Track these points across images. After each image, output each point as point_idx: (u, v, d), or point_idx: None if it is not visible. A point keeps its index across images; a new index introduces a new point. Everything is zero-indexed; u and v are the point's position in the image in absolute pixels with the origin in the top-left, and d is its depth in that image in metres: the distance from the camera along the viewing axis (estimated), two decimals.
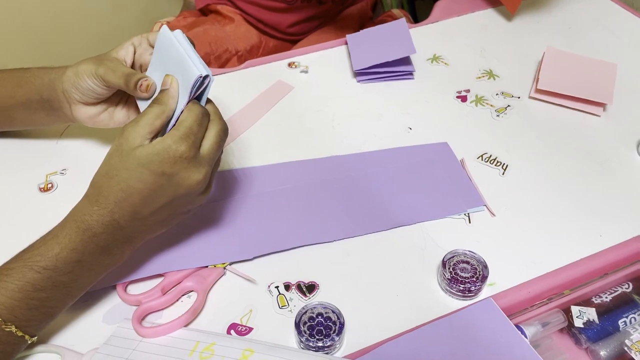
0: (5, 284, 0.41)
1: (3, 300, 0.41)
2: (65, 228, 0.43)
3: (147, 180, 0.43)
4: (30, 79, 0.56)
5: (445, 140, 0.65)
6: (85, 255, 0.43)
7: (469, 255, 0.51)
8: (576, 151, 0.64)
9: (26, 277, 0.41)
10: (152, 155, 0.43)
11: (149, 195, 0.44)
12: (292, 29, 1.03)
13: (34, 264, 0.42)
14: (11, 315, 0.41)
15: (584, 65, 0.72)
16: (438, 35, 0.83)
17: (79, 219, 0.43)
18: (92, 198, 0.44)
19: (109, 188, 0.44)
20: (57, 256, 0.42)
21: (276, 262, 0.53)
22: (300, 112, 0.70)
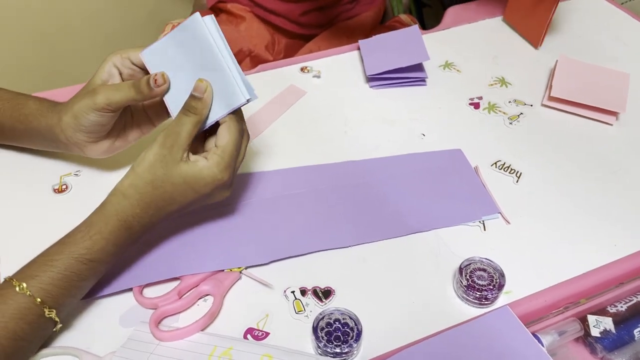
0: (51, 274, 0.44)
1: (50, 288, 0.43)
2: (109, 225, 0.47)
3: (188, 195, 0.48)
4: (28, 117, 0.55)
5: (459, 147, 0.66)
6: (122, 248, 0.48)
7: (485, 263, 0.51)
8: (589, 159, 0.64)
9: (73, 267, 0.44)
10: (199, 179, 0.48)
11: (185, 204, 0.49)
12: (303, 18, 1.03)
13: (81, 256, 0.45)
14: (55, 302, 0.44)
15: (597, 74, 0.72)
16: (450, 42, 0.83)
17: (123, 219, 0.47)
18: (135, 202, 0.47)
19: (152, 196, 0.48)
20: (102, 249, 0.46)
21: (292, 267, 0.53)
22: (313, 116, 0.70)
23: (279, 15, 1.03)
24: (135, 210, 0.47)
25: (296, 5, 1.01)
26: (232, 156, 0.48)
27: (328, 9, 1.04)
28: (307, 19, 1.04)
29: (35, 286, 0.43)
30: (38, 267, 0.44)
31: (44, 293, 0.43)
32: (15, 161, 0.62)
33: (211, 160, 0.48)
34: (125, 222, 0.47)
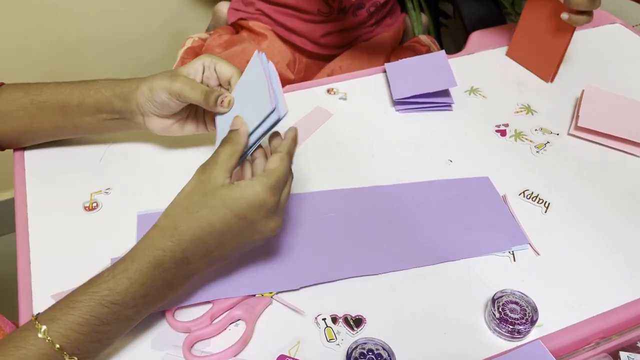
0: (72, 317, 0.41)
1: (69, 333, 0.41)
2: (136, 262, 0.43)
3: (228, 222, 0.44)
4: (100, 89, 0.58)
5: (486, 175, 0.66)
6: (152, 290, 0.44)
7: (517, 296, 0.51)
8: (618, 191, 0.64)
9: (94, 311, 0.42)
10: (239, 199, 0.44)
11: (225, 236, 0.45)
12: (324, 39, 1.04)
13: (102, 298, 0.42)
14: (75, 348, 0.41)
15: (624, 105, 0.73)
16: (474, 67, 0.84)
17: (151, 254, 0.44)
18: (167, 232, 0.44)
19: (187, 223, 0.44)
20: (126, 291, 0.43)
21: (322, 293, 0.53)
22: (339, 139, 0.71)
23: (300, 36, 1.03)
24: (167, 242, 0.44)
25: (317, 26, 1.02)
26: (279, 180, 0.46)
27: (349, 31, 1.05)
28: (328, 40, 1.04)
29: (55, 331, 0.40)
30: (60, 309, 0.42)
31: (62, 339, 0.41)
32: (46, 178, 0.62)
33: (255, 180, 0.45)
34: (155, 258, 0.43)
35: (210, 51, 0.99)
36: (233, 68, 0.57)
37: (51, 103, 0.58)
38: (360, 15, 1.03)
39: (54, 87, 0.59)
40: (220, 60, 0.58)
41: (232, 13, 1.10)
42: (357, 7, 1.01)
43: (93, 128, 0.61)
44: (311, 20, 1.01)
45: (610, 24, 0.94)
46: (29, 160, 0.64)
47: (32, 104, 0.58)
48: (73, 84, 0.59)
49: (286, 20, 1.02)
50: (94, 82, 0.59)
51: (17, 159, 0.64)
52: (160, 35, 1.43)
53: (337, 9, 0.99)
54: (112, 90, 0.58)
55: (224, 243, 0.45)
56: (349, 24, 1.03)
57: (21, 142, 0.63)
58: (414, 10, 1.19)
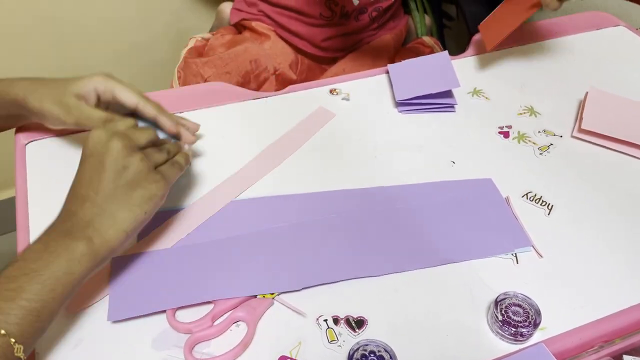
0: (20, 316, 0.41)
1: (23, 326, 0.41)
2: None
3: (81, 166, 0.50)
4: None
5: (489, 176, 0.65)
6: (50, 243, 0.45)
7: (520, 298, 0.51)
8: (621, 193, 0.64)
9: (43, 305, 0.42)
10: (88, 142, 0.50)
11: (86, 179, 0.49)
12: (326, 43, 1.04)
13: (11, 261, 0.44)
14: (23, 339, 0.41)
15: (628, 108, 0.72)
16: (477, 68, 0.83)
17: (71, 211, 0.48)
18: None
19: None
20: (27, 248, 0.45)
21: (324, 294, 0.53)
22: (341, 140, 0.70)
23: (301, 39, 1.03)
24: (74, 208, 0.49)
25: (319, 30, 1.02)
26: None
27: (351, 35, 1.05)
28: (330, 44, 1.04)
29: (8, 329, 0.40)
30: (7, 309, 0.41)
31: (17, 334, 0.41)
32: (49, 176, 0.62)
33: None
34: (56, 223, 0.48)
35: (213, 51, 0.99)
36: (136, 96, 0.59)
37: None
38: (362, 20, 1.02)
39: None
40: (119, 86, 0.58)
41: (235, 13, 1.10)
42: (359, 11, 1.01)
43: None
44: (313, 23, 1.01)
45: (614, 26, 0.94)
46: (30, 157, 0.64)
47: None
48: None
49: (288, 22, 1.02)
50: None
51: (19, 155, 0.64)
52: (163, 36, 1.43)
53: (340, 14, 0.99)
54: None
55: (93, 184, 0.49)
56: (351, 28, 1.03)
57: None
58: (417, 12, 1.19)
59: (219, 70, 0.93)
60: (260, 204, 0.61)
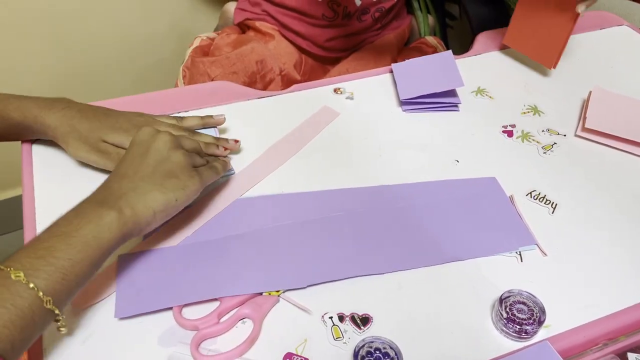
0: (54, 274, 0.43)
1: (57, 287, 0.43)
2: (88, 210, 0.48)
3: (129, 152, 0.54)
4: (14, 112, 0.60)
5: (493, 175, 0.66)
6: (82, 211, 0.48)
7: (525, 296, 0.51)
8: (625, 192, 0.64)
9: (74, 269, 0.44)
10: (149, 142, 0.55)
11: (129, 161, 0.53)
12: (329, 44, 1.04)
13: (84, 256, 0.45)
14: (58, 299, 0.43)
15: (631, 107, 0.73)
16: (481, 67, 0.84)
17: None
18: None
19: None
20: (60, 216, 0.47)
21: (329, 291, 0.53)
22: (346, 139, 0.71)
23: (305, 39, 1.04)
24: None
25: (322, 30, 1.02)
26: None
27: (354, 36, 1.05)
28: (333, 44, 1.05)
29: (42, 285, 0.42)
30: (42, 266, 0.43)
31: (51, 292, 0.42)
32: (56, 174, 0.63)
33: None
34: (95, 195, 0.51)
35: (219, 50, 0.99)
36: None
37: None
38: (365, 21, 1.03)
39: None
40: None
41: (239, 13, 1.10)
42: (361, 12, 1.01)
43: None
44: (316, 24, 1.01)
45: (618, 25, 0.94)
46: (37, 155, 0.65)
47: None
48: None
49: (291, 22, 1.03)
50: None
51: (25, 153, 0.65)
52: (167, 35, 1.44)
53: (342, 14, 1.00)
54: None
55: (134, 165, 0.53)
56: (354, 28, 1.03)
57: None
58: (420, 12, 1.19)
59: (225, 70, 0.94)
60: (266, 202, 0.61)
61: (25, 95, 0.61)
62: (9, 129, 0.61)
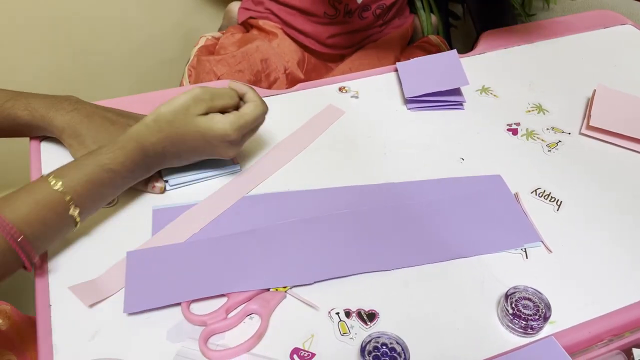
0: (80, 176, 0.52)
1: (76, 189, 0.51)
2: (130, 144, 0.55)
3: (197, 140, 0.57)
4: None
5: (498, 173, 0.66)
6: (137, 167, 0.56)
7: (530, 292, 0.52)
8: (630, 190, 0.65)
9: (97, 174, 0.53)
10: (209, 129, 0.56)
11: (192, 148, 0.58)
12: (331, 41, 1.05)
13: (105, 165, 0.53)
14: (78, 202, 0.51)
15: (635, 105, 0.73)
16: (485, 66, 0.84)
17: (141, 142, 0.55)
18: (154, 132, 0.56)
19: (168, 133, 0.56)
20: (122, 164, 0.54)
21: (336, 287, 0.54)
22: (351, 137, 0.71)
23: (307, 36, 1.04)
24: (152, 138, 0.55)
25: (324, 27, 1.03)
26: (247, 122, 0.57)
27: (357, 32, 1.06)
28: (335, 41, 1.05)
29: (65, 184, 0.50)
30: (69, 170, 0.52)
31: (72, 191, 0.51)
32: None
33: (227, 117, 0.56)
34: (143, 145, 0.55)
35: (224, 50, 1.00)
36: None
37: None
38: (367, 18, 1.03)
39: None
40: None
41: (242, 12, 1.11)
42: (362, 9, 1.02)
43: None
44: (318, 21, 1.02)
45: (621, 24, 0.94)
46: (45, 153, 0.65)
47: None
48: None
49: (294, 20, 1.03)
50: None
51: (34, 151, 0.65)
52: (171, 35, 1.44)
53: (343, 11, 1.00)
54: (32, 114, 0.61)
55: (190, 151, 0.59)
56: (356, 25, 1.04)
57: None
58: (423, 11, 1.20)
59: (231, 69, 0.94)
60: (272, 200, 0.62)
61: (33, 93, 0.62)
62: (17, 127, 0.62)
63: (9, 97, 0.60)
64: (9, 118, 0.60)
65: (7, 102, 0.60)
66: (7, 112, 0.60)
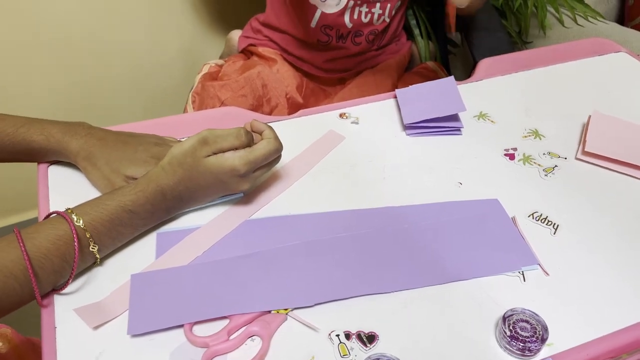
0: (101, 215, 0.54)
1: (97, 226, 0.54)
2: (150, 187, 0.57)
3: (208, 180, 0.59)
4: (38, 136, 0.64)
5: (495, 197, 0.67)
6: (156, 210, 0.59)
7: (528, 314, 0.52)
8: (625, 214, 0.66)
9: (118, 214, 0.55)
10: (219, 167, 0.58)
11: (205, 186, 0.60)
12: (328, 65, 1.08)
13: (126, 206, 0.56)
14: (98, 239, 0.54)
15: (630, 131, 0.74)
16: (483, 93, 0.86)
17: (160, 186, 0.58)
18: (170, 173, 0.58)
19: (182, 174, 0.58)
20: (142, 205, 0.57)
21: (336, 309, 0.55)
22: (352, 162, 0.73)
23: (305, 62, 1.07)
24: (169, 181, 0.58)
25: (320, 53, 1.06)
26: (257, 157, 0.59)
27: (352, 57, 1.08)
28: (332, 66, 1.08)
29: (87, 222, 0.53)
30: (91, 208, 0.55)
31: (92, 229, 0.53)
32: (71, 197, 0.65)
33: (236, 153, 0.58)
34: (162, 188, 0.58)
35: (227, 76, 1.03)
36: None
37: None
38: (360, 43, 1.06)
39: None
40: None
41: (243, 40, 1.14)
42: (355, 34, 1.04)
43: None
44: (313, 48, 1.05)
45: (616, 52, 0.96)
46: (53, 178, 0.67)
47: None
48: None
49: (291, 47, 1.07)
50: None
51: (41, 176, 0.67)
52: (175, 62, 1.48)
53: (335, 37, 1.03)
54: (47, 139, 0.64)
55: (203, 190, 0.61)
56: (351, 51, 1.07)
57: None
58: (421, 37, 1.22)
59: (235, 93, 0.97)
60: (274, 224, 0.63)
61: (46, 119, 0.64)
62: (31, 152, 0.64)
63: (23, 122, 0.63)
64: (23, 142, 0.62)
65: (22, 127, 0.62)
66: (22, 137, 0.62)
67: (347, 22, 1.00)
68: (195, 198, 0.61)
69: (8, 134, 0.62)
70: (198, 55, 1.49)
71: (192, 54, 1.49)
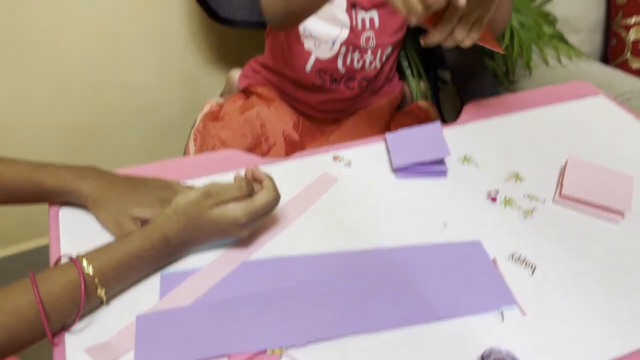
0: (109, 259, 0.59)
1: (105, 271, 0.58)
2: (155, 234, 0.62)
3: (211, 230, 0.64)
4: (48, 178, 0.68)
5: (478, 238, 0.72)
6: (160, 255, 0.63)
7: (504, 353, 0.56)
8: (599, 254, 0.70)
9: (125, 259, 0.60)
10: (222, 218, 0.63)
11: (208, 234, 0.65)
12: (323, 106, 1.13)
13: (133, 252, 0.60)
14: (105, 283, 0.58)
15: (604, 175, 0.79)
16: (467, 136, 0.91)
17: (165, 233, 0.62)
18: (174, 222, 0.63)
19: (185, 222, 0.63)
20: (148, 251, 0.61)
21: (327, 348, 0.59)
22: (344, 204, 0.77)
23: (301, 102, 1.13)
24: (173, 229, 0.62)
25: (315, 95, 1.11)
26: (257, 208, 0.64)
27: (346, 100, 1.14)
28: (327, 107, 1.13)
29: (96, 267, 0.57)
30: (100, 254, 0.59)
31: (100, 274, 0.58)
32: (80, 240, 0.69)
33: (238, 205, 0.63)
34: (167, 235, 0.62)
35: (228, 116, 1.08)
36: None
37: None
38: (353, 88, 1.11)
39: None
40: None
41: (243, 79, 1.20)
42: (348, 79, 1.10)
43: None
44: (309, 90, 1.10)
45: (594, 95, 1.02)
46: (63, 218, 0.71)
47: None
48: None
49: (288, 88, 1.12)
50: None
51: (52, 217, 0.71)
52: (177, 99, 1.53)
53: (329, 80, 1.08)
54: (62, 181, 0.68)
55: (206, 237, 0.66)
56: (345, 94, 1.12)
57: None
58: (412, 78, 1.28)
59: (235, 133, 1.02)
60: (270, 265, 0.67)
61: (57, 164, 0.69)
62: (42, 194, 0.68)
63: (35, 167, 0.68)
64: (36, 185, 0.67)
65: (35, 172, 0.67)
66: (34, 180, 0.67)
67: (339, 67, 1.06)
68: (197, 244, 0.66)
69: (23, 176, 0.67)
70: (199, 91, 1.54)
71: (194, 91, 1.54)
